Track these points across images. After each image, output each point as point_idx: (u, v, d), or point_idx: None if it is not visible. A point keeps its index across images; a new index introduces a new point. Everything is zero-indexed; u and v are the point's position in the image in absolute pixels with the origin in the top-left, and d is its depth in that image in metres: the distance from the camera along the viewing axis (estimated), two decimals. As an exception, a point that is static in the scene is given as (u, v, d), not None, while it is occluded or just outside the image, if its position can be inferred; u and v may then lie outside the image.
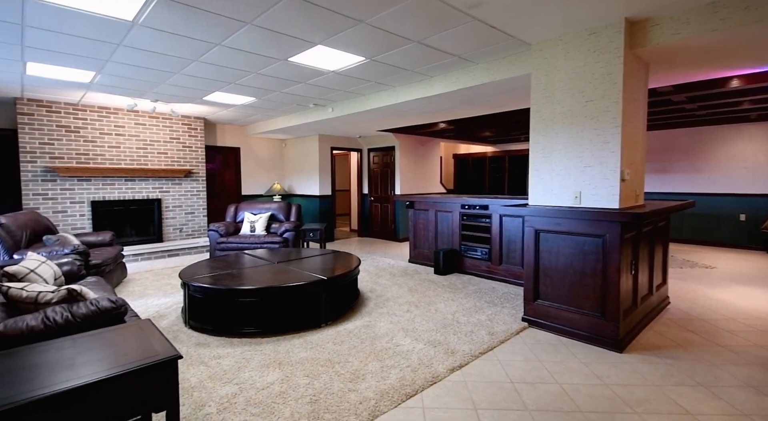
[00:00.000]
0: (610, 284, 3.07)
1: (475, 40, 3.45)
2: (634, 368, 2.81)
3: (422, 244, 6.28)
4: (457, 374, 2.74)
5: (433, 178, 9.62)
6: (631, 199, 3.34)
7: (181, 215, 7.44)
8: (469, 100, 5.03)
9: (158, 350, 1.54)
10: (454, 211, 5.75)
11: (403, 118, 6.43)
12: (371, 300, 4.37)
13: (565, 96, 3.30)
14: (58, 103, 6.02)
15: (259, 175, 9.14)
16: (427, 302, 4.29)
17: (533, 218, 3.50)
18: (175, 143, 7.27)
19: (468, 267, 5.58)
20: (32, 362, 1.48)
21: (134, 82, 4.85)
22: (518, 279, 4.98)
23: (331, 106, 6.19)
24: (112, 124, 6.55)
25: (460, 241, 5.70)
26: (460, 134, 9.48)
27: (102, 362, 1.48)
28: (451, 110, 5.74)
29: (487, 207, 5.30)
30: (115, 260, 4.86)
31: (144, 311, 4.03)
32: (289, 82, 4.88)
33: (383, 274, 5.62)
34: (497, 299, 4.41)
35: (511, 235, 5.07)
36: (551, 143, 3.43)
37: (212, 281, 3.50)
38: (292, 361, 2.90)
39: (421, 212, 6.27)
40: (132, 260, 6.48)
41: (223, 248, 6.00)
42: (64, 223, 6.17)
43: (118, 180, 6.67)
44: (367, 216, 9.57)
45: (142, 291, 4.81)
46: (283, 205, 6.83)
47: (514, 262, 5.04)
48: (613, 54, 3.00)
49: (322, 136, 8.66)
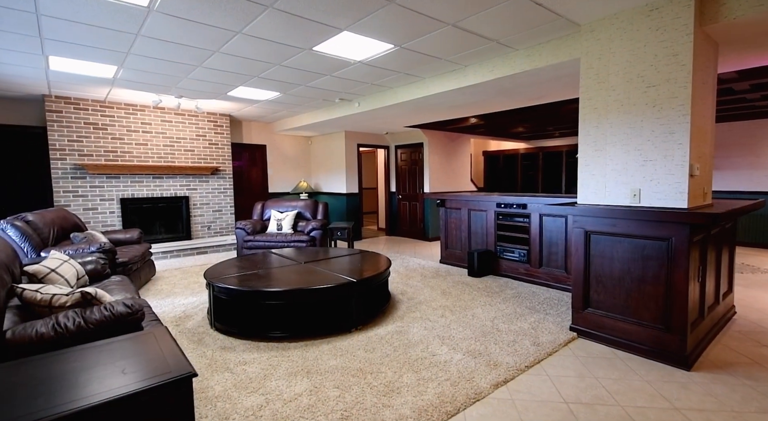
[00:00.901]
0: (677, 292, 2.72)
1: (517, 22, 3.15)
2: (708, 390, 2.46)
3: (454, 244, 5.99)
4: (503, 390, 2.47)
5: (463, 176, 9.29)
6: (699, 198, 2.96)
7: (209, 212, 7.39)
8: (505, 92, 4.71)
9: (171, 366, 1.34)
10: (489, 210, 5.43)
11: (433, 113, 6.15)
12: (403, 303, 4.13)
13: (621, 82, 2.95)
14: (86, 100, 6.03)
15: (286, 172, 9.04)
16: (463, 307, 4.01)
17: (583, 219, 3.17)
18: (202, 140, 7.22)
19: (504, 269, 5.26)
20: (33, 377, 1.31)
21: (157, 76, 4.76)
22: (560, 283, 4.64)
23: (358, 100, 5.97)
24: (139, 121, 6.54)
25: (495, 241, 5.38)
26: (492, 130, 9.10)
27: (108, 379, 1.29)
28: (484, 103, 5.43)
29: (526, 206, 4.96)
30: (142, 257, 4.79)
31: (170, 311, 3.92)
32: (314, 75, 4.68)
33: (414, 275, 5.37)
34: (539, 304, 4.09)
35: (553, 236, 4.72)
36: (604, 135, 3.09)
37: (238, 282, 3.34)
38: (321, 369, 2.69)
39: (453, 211, 5.97)
40: (161, 257, 6.46)
41: (250, 247, 5.88)
42: (95, 220, 6.20)
43: (146, 177, 6.66)
44: (395, 214, 9.33)
45: (169, 290, 4.72)
46: (310, 203, 6.67)
47: (556, 265, 4.69)
48: (680, 32, 2.65)
49: (349, 132, 8.47)
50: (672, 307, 2.75)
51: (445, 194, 6.08)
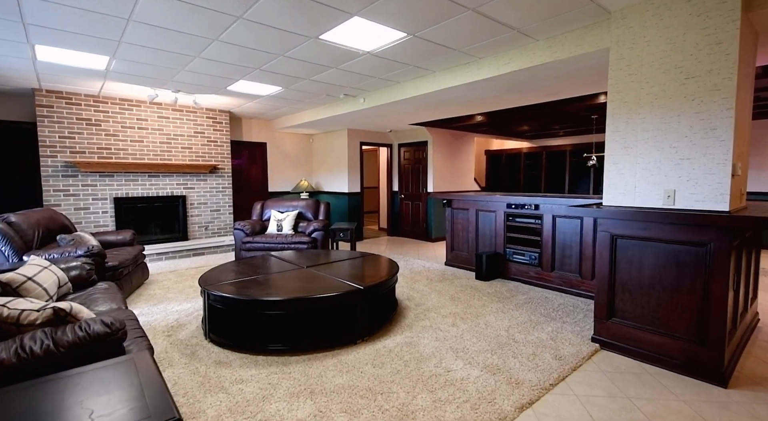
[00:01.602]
0: (714, 303, 2.48)
1: (543, 8, 2.90)
2: (752, 412, 2.22)
3: (461, 246, 5.74)
4: (528, 413, 2.22)
5: (467, 175, 9.05)
6: (737, 200, 2.72)
7: (207, 212, 7.14)
8: (518, 87, 4.46)
9: (151, 409, 1.09)
10: (499, 210, 5.19)
11: (440, 109, 5.90)
12: (410, 310, 3.88)
13: (656, 73, 2.71)
14: (78, 95, 5.77)
15: (286, 171, 8.78)
16: (474, 314, 3.77)
17: (609, 221, 2.93)
18: (200, 138, 6.96)
19: (513, 272, 5.02)
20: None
21: (152, 68, 4.51)
22: (574, 288, 4.40)
23: (363, 96, 5.72)
24: (135, 117, 6.28)
25: (504, 243, 5.14)
26: (496, 128, 8.86)
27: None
28: (495, 99, 5.18)
29: (538, 207, 4.72)
30: (134, 260, 4.54)
31: (162, 319, 3.67)
32: (319, 68, 4.43)
33: (419, 278, 5.13)
34: (554, 311, 3.85)
35: (566, 238, 4.48)
36: (635, 131, 2.84)
37: (235, 289, 3.09)
38: (326, 389, 2.45)
39: (460, 211, 5.73)
40: (156, 259, 6.21)
41: (249, 248, 5.63)
42: (87, 221, 5.94)
43: (142, 176, 6.40)
44: (397, 214, 9.08)
45: (162, 295, 4.47)
46: (311, 203, 6.42)
47: (569, 268, 4.45)
48: (725, 18, 2.40)
49: (351, 130, 8.21)
50: (708, 319, 2.51)
51: (451, 194, 5.83)
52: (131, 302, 4.22)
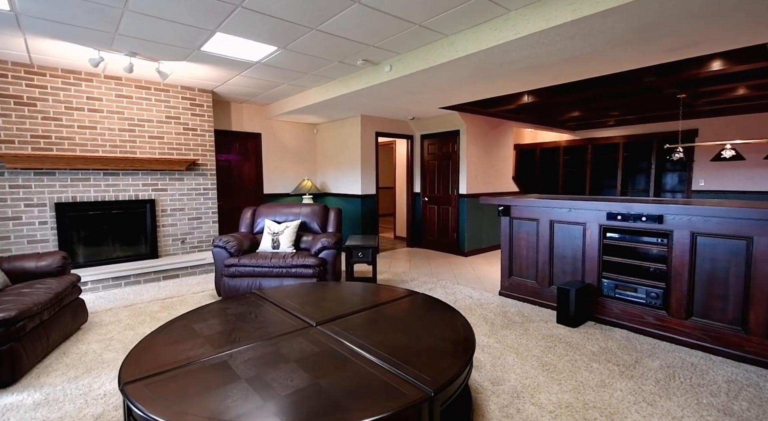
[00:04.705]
0: None
1: None
2: None
3: (525, 270, 4.17)
4: None
5: (505, 174, 7.46)
6: None
7: (184, 221, 5.57)
8: (645, 31, 2.89)
9: None
10: (590, 223, 3.62)
11: (495, 82, 4.33)
12: (488, 397, 2.32)
13: None
14: (3, 63, 4.21)
15: (285, 169, 7.21)
16: (600, 406, 2.21)
17: None
18: (174, 124, 5.39)
19: (614, 315, 3.46)
20: None
21: (80, 9, 2.95)
22: (728, 348, 2.83)
23: (389, 62, 4.15)
24: (84, 95, 4.71)
25: (599, 271, 3.57)
26: (540, 114, 7.29)
27: None
28: (596, 57, 3.60)
29: (662, 218, 3.15)
30: (58, 301, 3.00)
31: (73, 414, 2.12)
32: (332, 5, 2.87)
33: (475, 320, 3.57)
34: (728, 398, 2.29)
35: (715, 267, 2.92)
36: None
37: (185, 405, 1.53)
38: None
39: (524, 223, 4.16)
40: (111, 285, 4.65)
41: (233, 274, 4.06)
42: (16, 235, 4.38)
43: (95, 174, 4.84)
44: (419, 221, 7.50)
45: (97, 355, 2.93)
46: (318, 209, 4.85)
47: (721, 317, 2.89)
48: None
49: (366, 117, 6.63)
50: None
51: (501, 197, 4.26)
52: (41, 373, 2.67)
